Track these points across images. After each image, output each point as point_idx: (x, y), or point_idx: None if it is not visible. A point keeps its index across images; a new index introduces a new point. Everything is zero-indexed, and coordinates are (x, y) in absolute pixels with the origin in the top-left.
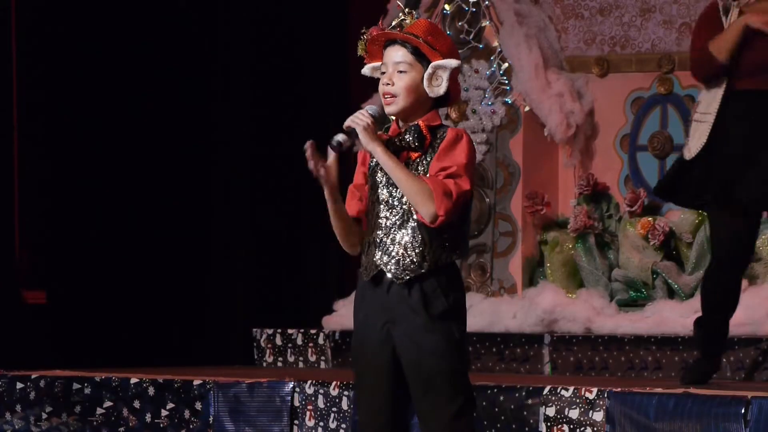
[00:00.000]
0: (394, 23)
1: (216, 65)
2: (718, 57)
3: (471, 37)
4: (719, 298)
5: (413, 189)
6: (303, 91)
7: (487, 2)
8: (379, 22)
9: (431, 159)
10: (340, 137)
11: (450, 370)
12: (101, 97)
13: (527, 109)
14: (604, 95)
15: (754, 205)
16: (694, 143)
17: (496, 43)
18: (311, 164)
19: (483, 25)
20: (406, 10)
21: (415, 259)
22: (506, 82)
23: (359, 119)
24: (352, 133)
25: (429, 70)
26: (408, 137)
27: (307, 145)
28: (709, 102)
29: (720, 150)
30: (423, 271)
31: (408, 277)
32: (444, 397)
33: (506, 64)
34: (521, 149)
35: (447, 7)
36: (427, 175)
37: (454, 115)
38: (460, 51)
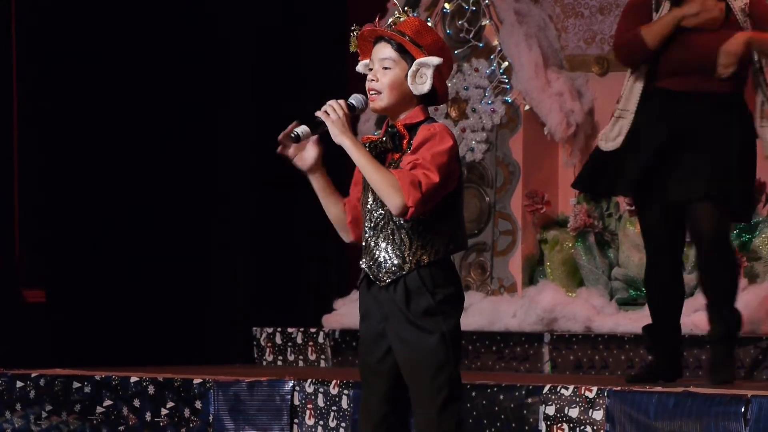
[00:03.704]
0: (390, 21)
1: (217, 66)
2: (648, 43)
3: (471, 35)
4: (660, 295)
5: (380, 181)
6: (302, 93)
7: (487, 1)
8: (376, 20)
9: None
10: (301, 130)
11: (435, 366)
12: (102, 97)
13: (527, 107)
14: (604, 94)
15: (674, 204)
16: (613, 137)
17: (496, 42)
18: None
19: (483, 23)
20: (404, 9)
21: (395, 262)
22: (506, 80)
23: (331, 111)
24: (319, 125)
25: (413, 67)
26: (385, 138)
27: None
28: (628, 98)
29: (637, 148)
30: (404, 272)
31: (389, 280)
32: (428, 392)
33: (506, 63)
34: (521, 148)
35: (447, 5)
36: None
37: (454, 113)
38: (459, 50)
